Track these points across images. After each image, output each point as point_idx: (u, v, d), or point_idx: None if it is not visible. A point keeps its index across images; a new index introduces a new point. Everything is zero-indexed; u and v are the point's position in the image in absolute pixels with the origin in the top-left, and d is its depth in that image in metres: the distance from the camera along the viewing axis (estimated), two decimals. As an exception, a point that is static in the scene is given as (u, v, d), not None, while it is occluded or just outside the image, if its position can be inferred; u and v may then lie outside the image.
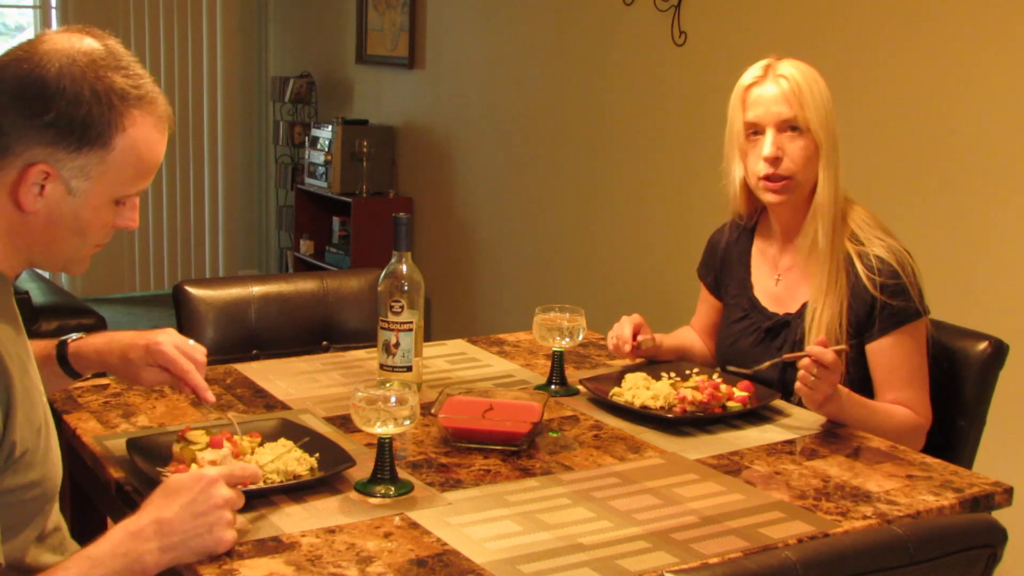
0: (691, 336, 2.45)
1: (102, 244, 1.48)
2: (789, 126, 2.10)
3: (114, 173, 1.40)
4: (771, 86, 2.11)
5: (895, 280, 2.06)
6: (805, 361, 1.92)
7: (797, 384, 1.95)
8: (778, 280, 2.23)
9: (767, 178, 2.12)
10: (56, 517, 1.53)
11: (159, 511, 1.38)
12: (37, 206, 1.38)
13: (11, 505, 1.39)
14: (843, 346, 1.92)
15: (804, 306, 2.15)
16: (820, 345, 1.92)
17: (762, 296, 2.25)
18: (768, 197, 2.15)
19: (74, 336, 1.79)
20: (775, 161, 2.10)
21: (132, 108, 1.39)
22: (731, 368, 2.15)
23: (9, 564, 1.42)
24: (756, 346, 2.21)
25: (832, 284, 2.09)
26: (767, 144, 2.10)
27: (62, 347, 1.76)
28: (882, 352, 2.07)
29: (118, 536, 1.36)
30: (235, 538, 1.44)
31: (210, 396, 1.74)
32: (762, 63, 2.15)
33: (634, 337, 2.23)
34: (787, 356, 2.06)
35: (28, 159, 1.36)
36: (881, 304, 2.06)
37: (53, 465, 1.47)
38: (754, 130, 2.14)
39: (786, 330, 2.18)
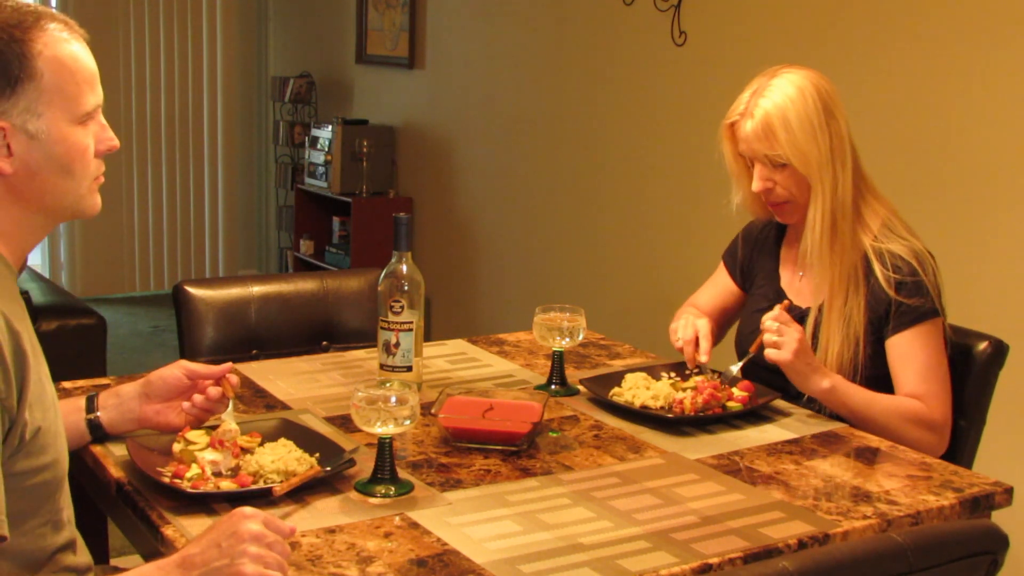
0: (710, 325, 2.38)
1: (100, 178, 1.50)
2: (771, 161, 2.12)
3: (56, 97, 1.41)
4: (748, 122, 2.12)
5: (913, 278, 2.09)
6: (766, 323, 2.01)
7: (768, 352, 2.01)
8: (801, 276, 2.25)
9: (768, 202, 2.19)
10: (69, 510, 1.53)
11: (188, 548, 1.35)
12: (14, 165, 1.40)
13: (23, 490, 1.38)
14: (784, 301, 2.07)
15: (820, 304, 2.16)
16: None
17: (787, 288, 2.27)
18: (778, 219, 2.24)
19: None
20: (767, 192, 2.16)
21: (32, 31, 1.40)
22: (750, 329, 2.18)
23: (25, 552, 1.42)
24: None
25: (843, 286, 2.11)
26: (755, 180, 2.16)
27: (91, 399, 1.79)
28: (898, 347, 2.09)
29: (146, 570, 1.34)
30: (259, 574, 1.30)
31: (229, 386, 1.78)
32: (747, 92, 2.14)
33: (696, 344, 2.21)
34: (752, 348, 2.10)
35: None
36: (897, 302, 2.08)
37: (63, 448, 1.49)
38: (747, 159, 2.19)
39: (803, 324, 2.17)
